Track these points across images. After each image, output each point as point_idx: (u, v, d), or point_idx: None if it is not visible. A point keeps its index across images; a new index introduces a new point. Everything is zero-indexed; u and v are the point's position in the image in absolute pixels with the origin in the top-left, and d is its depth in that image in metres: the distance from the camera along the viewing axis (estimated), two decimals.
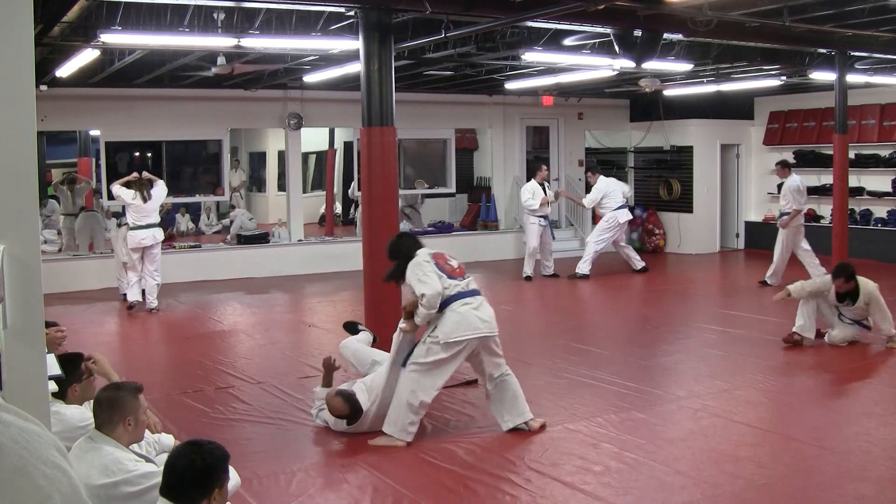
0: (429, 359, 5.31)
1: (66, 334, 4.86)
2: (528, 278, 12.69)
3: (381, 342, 6.36)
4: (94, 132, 14.59)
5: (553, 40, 9.42)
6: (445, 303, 5.31)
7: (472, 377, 6.31)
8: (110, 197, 12.86)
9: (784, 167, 11.74)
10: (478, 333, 5.31)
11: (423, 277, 5.28)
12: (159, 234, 10.50)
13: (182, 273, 12.58)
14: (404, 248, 5.59)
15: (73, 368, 4.01)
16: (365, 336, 6.44)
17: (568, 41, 9.50)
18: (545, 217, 12.88)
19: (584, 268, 12.80)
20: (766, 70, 12.01)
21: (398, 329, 5.52)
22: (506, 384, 5.53)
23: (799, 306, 8.05)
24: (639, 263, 13.21)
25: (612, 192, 13.01)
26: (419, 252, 5.49)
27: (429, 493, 4.62)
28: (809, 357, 7.63)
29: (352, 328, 6.60)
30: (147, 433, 3.75)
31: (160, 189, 10.46)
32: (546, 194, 12.88)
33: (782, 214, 11.57)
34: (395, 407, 5.36)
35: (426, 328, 5.41)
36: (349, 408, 5.41)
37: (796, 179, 11.58)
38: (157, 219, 10.44)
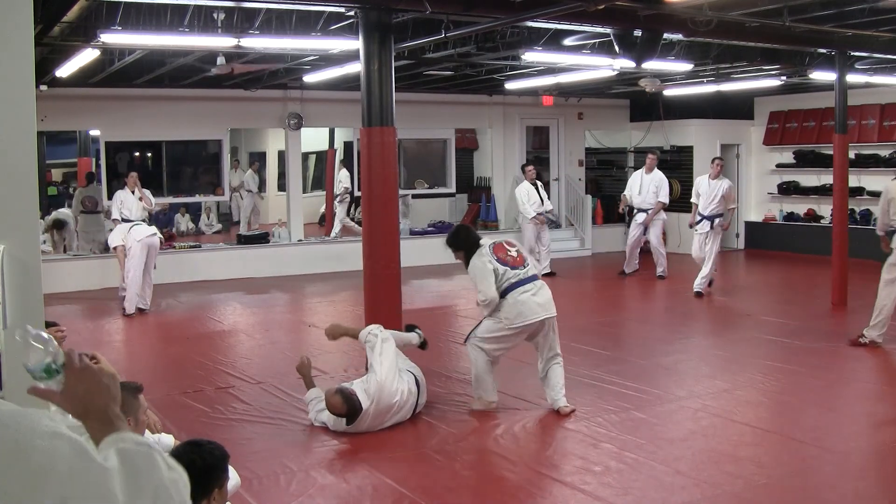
0: (493, 334, 5.96)
1: (66, 334, 4.85)
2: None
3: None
4: (94, 132, 14.59)
5: (553, 40, 9.41)
6: (507, 290, 5.85)
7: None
8: (110, 197, 12.90)
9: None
10: (538, 317, 5.86)
11: (482, 281, 5.85)
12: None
13: (182, 273, 12.58)
14: (467, 241, 6.10)
15: None
16: (412, 336, 6.53)
17: (568, 41, 9.49)
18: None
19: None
20: (766, 70, 12.01)
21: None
22: (554, 370, 6.05)
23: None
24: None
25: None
26: (482, 245, 6.01)
27: (429, 493, 4.62)
28: (810, 357, 7.63)
29: (409, 329, 6.74)
30: (147, 433, 3.75)
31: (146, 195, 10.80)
32: (540, 195, 12.83)
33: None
34: (476, 378, 6.06)
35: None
36: (347, 407, 5.43)
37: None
38: (143, 216, 10.59)
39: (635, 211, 12.71)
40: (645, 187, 12.60)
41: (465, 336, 6.23)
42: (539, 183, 13.15)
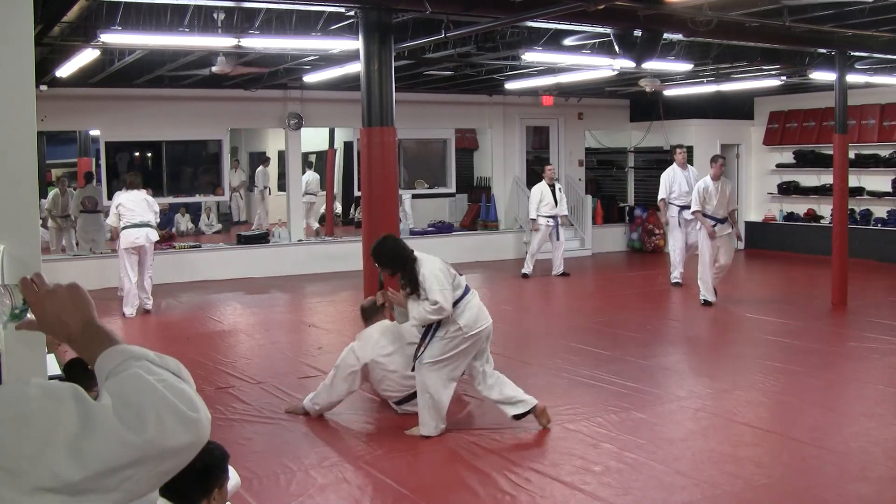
0: (449, 353, 5.46)
1: None
2: (526, 276, 12.69)
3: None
4: (94, 132, 14.60)
5: (553, 40, 9.41)
6: (459, 298, 5.51)
7: None
8: (110, 197, 12.89)
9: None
10: (489, 322, 5.60)
11: (442, 290, 5.37)
12: (153, 234, 10.19)
13: (182, 273, 12.58)
14: (403, 251, 5.58)
15: (83, 374, 3.98)
16: None
17: (568, 41, 9.50)
18: (553, 217, 12.82)
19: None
20: (766, 70, 12.01)
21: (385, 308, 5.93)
22: (499, 380, 5.65)
23: None
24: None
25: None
26: (425, 257, 5.56)
27: (429, 494, 4.62)
28: (810, 357, 7.63)
29: None
30: None
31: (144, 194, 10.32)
32: (555, 196, 12.77)
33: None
34: (423, 408, 5.50)
35: (435, 328, 5.47)
36: (370, 304, 5.80)
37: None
38: (148, 218, 10.10)
39: (679, 210, 11.81)
40: (681, 184, 11.89)
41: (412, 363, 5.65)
42: (557, 185, 13.09)
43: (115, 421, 1.22)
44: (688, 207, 11.38)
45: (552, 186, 12.82)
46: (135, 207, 10.03)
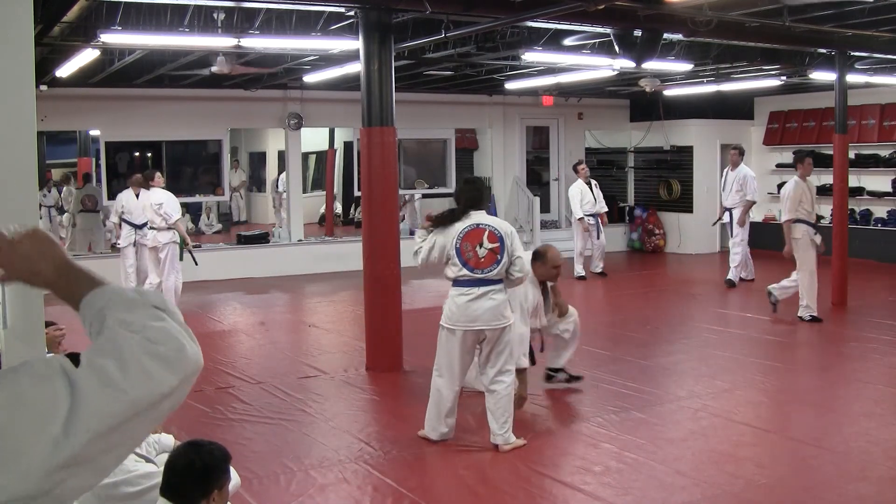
0: (440, 345, 5.32)
1: (65, 332, 4.85)
2: (582, 277, 12.60)
3: (384, 336, 6.35)
4: (94, 132, 14.59)
5: (553, 40, 9.41)
6: (453, 284, 5.24)
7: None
8: (110, 197, 12.88)
9: (740, 154, 11.89)
10: (478, 327, 5.14)
11: (423, 240, 5.25)
12: (161, 236, 9.87)
13: (182, 273, 12.55)
14: (462, 200, 5.33)
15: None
16: None
17: (568, 41, 9.50)
18: (593, 216, 12.75)
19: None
20: (766, 70, 12.01)
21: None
22: (495, 406, 5.22)
23: None
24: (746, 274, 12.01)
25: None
26: (463, 220, 5.23)
27: (429, 494, 4.62)
28: (810, 357, 7.63)
29: None
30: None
31: (157, 194, 9.81)
32: (594, 194, 12.67)
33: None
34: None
35: None
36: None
37: (749, 168, 11.79)
38: (148, 219, 9.92)
39: (724, 211, 11.96)
40: (728, 185, 11.88)
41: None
42: (594, 182, 13.02)
43: (101, 387, 1.22)
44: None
45: (588, 184, 12.75)
46: (133, 209, 10.10)
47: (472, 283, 5.15)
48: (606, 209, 13.16)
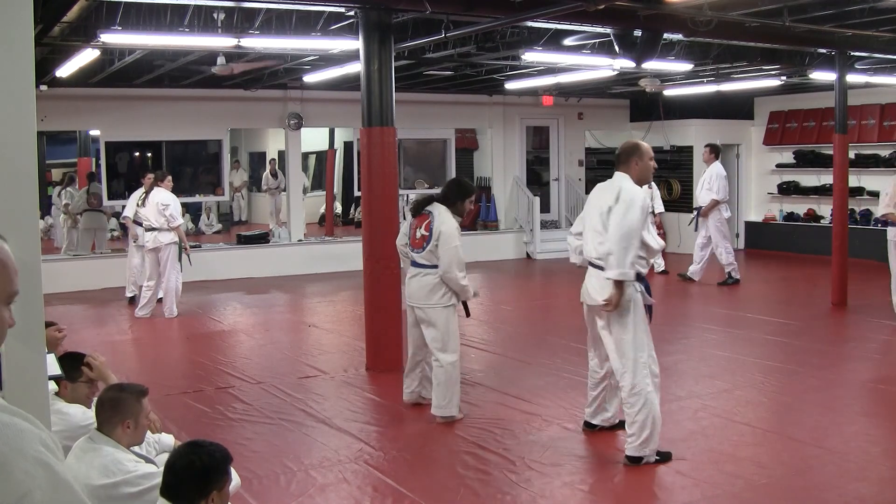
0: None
1: (65, 333, 4.85)
2: (664, 272, 13.04)
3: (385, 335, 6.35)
4: (94, 132, 14.60)
5: (553, 40, 9.41)
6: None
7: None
8: (110, 197, 12.89)
9: (712, 152, 12.00)
10: (411, 303, 5.92)
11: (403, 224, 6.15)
12: (162, 237, 9.91)
13: (182, 273, 12.55)
14: (450, 192, 5.97)
15: (73, 367, 3.99)
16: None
17: (568, 41, 9.50)
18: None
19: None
20: (766, 70, 12.01)
21: None
22: (434, 373, 5.91)
23: None
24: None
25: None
26: (427, 208, 5.91)
27: (429, 493, 4.62)
28: (810, 357, 7.63)
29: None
30: (147, 433, 3.75)
31: (163, 195, 9.91)
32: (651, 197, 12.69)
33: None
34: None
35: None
36: None
37: (720, 167, 11.91)
38: (156, 223, 9.89)
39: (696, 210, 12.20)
40: (701, 183, 12.10)
41: None
42: (653, 183, 12.99)
43: None
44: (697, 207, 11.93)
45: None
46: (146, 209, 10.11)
47: (413, 264, 5.94)
48: (662, 209, 13.64)
